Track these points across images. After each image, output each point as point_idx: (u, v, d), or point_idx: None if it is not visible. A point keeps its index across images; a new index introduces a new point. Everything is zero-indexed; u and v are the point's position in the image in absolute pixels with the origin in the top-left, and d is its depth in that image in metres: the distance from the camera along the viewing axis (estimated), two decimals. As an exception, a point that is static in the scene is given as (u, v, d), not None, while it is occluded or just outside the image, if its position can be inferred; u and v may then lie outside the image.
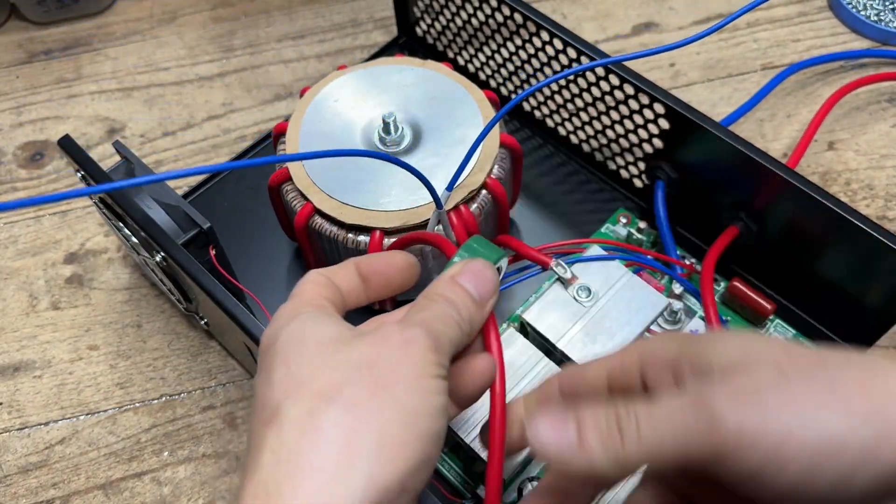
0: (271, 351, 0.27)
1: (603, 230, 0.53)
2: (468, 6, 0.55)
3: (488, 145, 0.45)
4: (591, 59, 0.49)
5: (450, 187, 0.42)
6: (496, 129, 0.46)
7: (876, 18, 0.64)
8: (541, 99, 0.56)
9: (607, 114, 0.52)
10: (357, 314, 0.32)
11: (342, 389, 0.25)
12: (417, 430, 0.25)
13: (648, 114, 0.48)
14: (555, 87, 0.54)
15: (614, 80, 0.49)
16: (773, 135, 0.59)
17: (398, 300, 0.47)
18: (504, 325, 0.50)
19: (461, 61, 0.60)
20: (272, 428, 0.25)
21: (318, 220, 0.44)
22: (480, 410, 0.40)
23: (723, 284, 0.50)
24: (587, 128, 0.54)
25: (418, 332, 0.27)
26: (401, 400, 0.25)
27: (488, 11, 0.54)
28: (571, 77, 0.52)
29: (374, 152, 0.34)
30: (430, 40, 0.62)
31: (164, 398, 0.50)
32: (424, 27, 0.61)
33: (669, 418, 0.23)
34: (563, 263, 0.42)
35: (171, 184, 0.58)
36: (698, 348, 0.26)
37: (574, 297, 0.42)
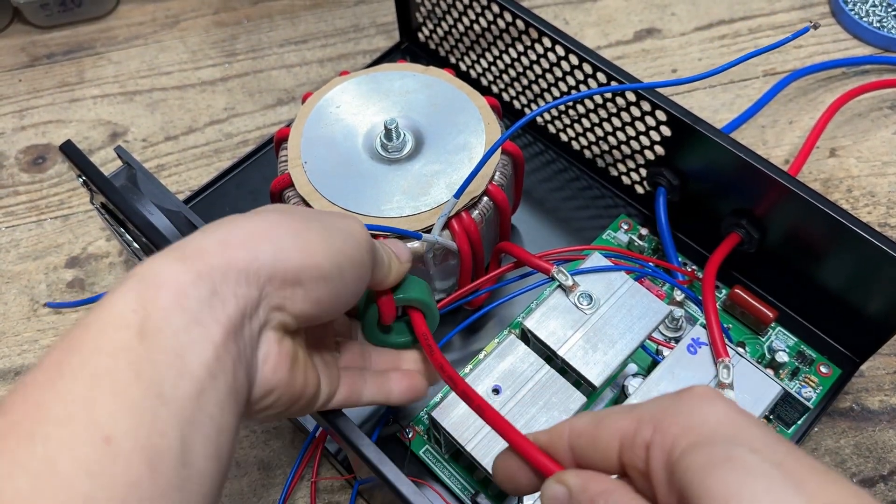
0: None
1: (604, 237, 0.53)
2: (470, 12, 0.55)
3: (490, 152, 0.45)
4: (593, 65, 0.49)
5: (457, 195, 0.42)
6: (497, 135, 0.46)
7: (878, 25, 0.64)
8: (542, 105, 0.56)
9: (609, 120, 0.52)
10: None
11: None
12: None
13: (650, 120, 0.49)
14: (556, 92, 0.54)
15: (616, 87, 0.49)
16: (774, 141, 0.59)
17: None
18: (505, 332, 0.50)
19: (463, 67, 0.61)
20: None
21: (319, 226, 0.44)
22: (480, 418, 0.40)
23: (724, 292, 0.50)
24: (588, 134, 0.54)
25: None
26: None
27: (490, 18, 0.54)
28: (573, 84, 0.52)
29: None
30: (433, 46, 0.62)
31: (164, 403, 0.50)
32: (427, 33, 0.61)
33: None
34: (564, 270, 0.42)
35: (173, 189, 0.58)
36: (691, 475, 0.23)
37: (575, 305, 0.42)
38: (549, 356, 0.42)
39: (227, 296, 0.26)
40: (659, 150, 0.50)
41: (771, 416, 0.46)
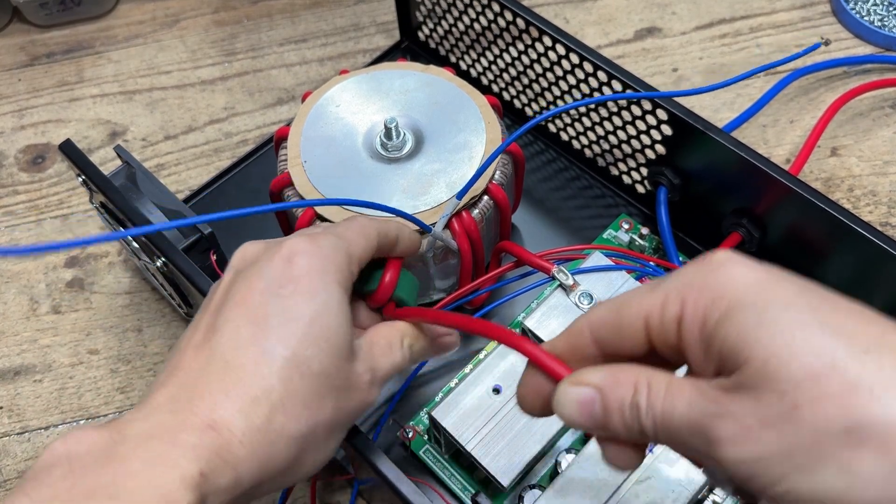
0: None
1: (605, 236, 0.53)
2: (470, 11, 0.55)
3: (490, 151, 0.45)
4: (594, 64, 0.49)
5: (460, 196, 0.42)
6: (498, 134, 0.46)
7: (880, 24, 0.63)
8: (543, 104, 0.56)
9: (609, 119, 0.52)
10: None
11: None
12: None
13: (651, 119, 0.48)
14: (556, 91, 0.54)
15: (617, 86, 0.49)
16: (775, 140, 0.59)
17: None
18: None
19: (463, 66, 0.60)
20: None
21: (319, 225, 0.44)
22: (480, 417, 0.40)
23: (725, 291, 0.50)
24: (589, 133, 0.54)
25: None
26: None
27: (490, 16, 0.54)
28: (574, 83, 0.52)
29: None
30: (433, 45, 0.62)
31: (164, 403, 0.50)
32: (427, 31, 0.61)
33: (681, 415, 0.23)
34: (564, 270, 0.42)
35: (172, 188, 0.58)
36: (736, 332, 0.23)
37: (576, 304, 0.42)
38: (550, 356, 0.42)
39: None
40: (660, 149, 0.49)
41: (772, 416, 0.45)
